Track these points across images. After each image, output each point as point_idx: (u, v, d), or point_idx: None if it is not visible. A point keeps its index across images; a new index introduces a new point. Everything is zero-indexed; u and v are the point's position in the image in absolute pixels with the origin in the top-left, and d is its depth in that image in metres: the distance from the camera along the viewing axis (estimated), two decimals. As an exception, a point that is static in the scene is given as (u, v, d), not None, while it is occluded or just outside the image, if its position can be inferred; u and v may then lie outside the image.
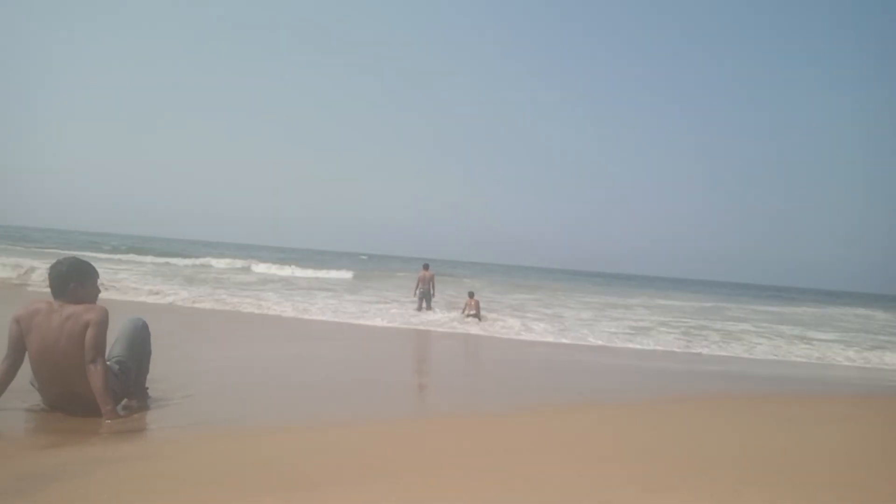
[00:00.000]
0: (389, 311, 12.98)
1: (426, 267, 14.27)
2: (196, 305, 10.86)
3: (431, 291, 14.18)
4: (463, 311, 13.55)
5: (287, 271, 28.53)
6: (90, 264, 3.48)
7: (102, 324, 3.26)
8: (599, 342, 10.16)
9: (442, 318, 12.37)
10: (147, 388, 3.84)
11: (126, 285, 12.66)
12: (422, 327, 10.89)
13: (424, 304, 14.00)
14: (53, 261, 3.43)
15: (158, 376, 4.11)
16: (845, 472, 2.81)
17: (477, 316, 13.50)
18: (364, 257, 71.80)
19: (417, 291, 14.26)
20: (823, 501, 2.34)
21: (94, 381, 3.20)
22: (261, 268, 28.66)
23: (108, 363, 3.37)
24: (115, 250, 34.33)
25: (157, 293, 11.79)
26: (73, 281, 3.32)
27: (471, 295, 14.01)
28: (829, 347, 12.15)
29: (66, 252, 15.80)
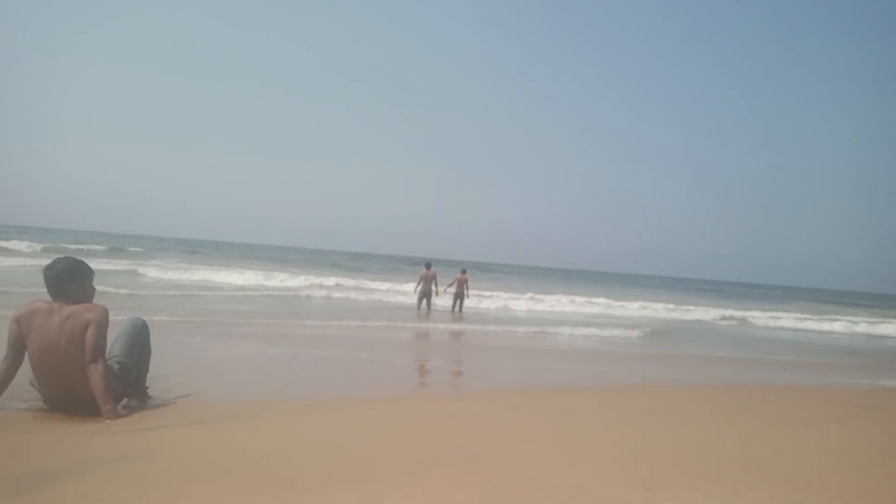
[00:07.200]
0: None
1: (428, 266, 14.26)
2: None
3: (434, 291, 14.20)
4: (450, 286, 14.15)
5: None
6: (86, 263, 3.47)
7: (103, 323, 3.26)
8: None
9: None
10: (147, 388, 3.85)
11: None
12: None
13: (425, 304, 14.01)
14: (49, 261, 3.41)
15: (159, 375, 4.12)
16: (846, 472, 2.80)
17: (464, 295, 13.99)
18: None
19: (418, 290, 14.28)
20: (824, 501, 2.33)
21: (94, 380, 3.20)
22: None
23: (108, 363, 3.37)
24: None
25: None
26: (72, 281, 3.32)
27: (462, 271, 14.27)
28: None
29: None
